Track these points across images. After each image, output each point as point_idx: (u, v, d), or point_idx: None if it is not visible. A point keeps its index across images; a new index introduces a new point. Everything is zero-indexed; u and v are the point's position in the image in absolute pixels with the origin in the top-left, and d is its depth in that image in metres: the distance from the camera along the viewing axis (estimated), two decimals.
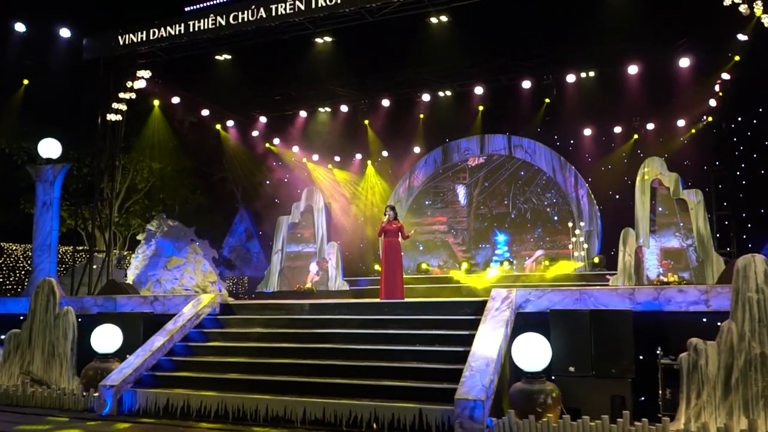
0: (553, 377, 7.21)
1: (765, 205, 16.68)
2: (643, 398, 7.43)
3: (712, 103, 15.42)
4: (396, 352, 8.06)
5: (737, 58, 12.74)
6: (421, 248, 18.71)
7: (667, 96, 15.42)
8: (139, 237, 18.29)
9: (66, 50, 13.09)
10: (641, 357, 7.44)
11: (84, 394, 8.54)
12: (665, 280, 13.79)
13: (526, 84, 14.80)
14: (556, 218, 17.27)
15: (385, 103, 16.14)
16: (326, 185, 20.18)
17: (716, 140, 16.58)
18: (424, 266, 17.78)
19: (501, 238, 17.61)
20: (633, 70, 13.88)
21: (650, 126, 17.18)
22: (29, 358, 9.89)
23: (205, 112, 16.52)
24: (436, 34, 12.10)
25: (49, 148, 11.87)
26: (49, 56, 13.26)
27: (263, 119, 17.79)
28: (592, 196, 16.94)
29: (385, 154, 19.28)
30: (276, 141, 18.86)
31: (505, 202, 17.80)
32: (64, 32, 12.98)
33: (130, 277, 17.19)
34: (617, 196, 17.71)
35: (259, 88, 15.63)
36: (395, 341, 8.31)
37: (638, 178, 14.48)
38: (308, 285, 16.90)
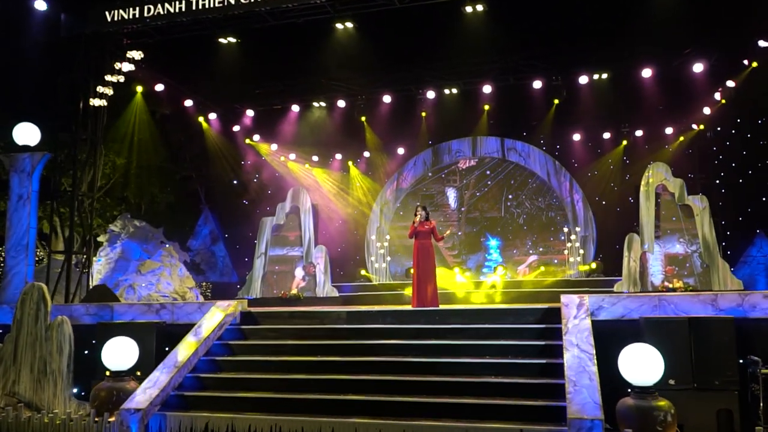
0: None
1: (743, 213, 16.98)
2: None
3: (706, 111, 15.51)
4: (465, 365, 7.30)
5: (755, 64, 12.77)
6: (408, 253, 17.96)
7: (662, 103, 15.38)
8: (101, 238, 16.64)
9: (41, 25, 11.54)
10: None
11: (96, 419, 7.27)
12: (670, 286, 13.70)
13: (537, 84, 14.40)
14: (550, 223, 16.97)
15: (387, 99, 15.32)
16: (307, 185, 19.12)
17: (703, 148, 16.76)
18: (412, 271, 17.02)
19: (493, 243, 17.14)
20: (647, 73, 13.70)
21: (639, 133, 17.14)
22: (14, 377, 8.47)
23: (188, 103, 15.14)
24: (460, 25, 11.47)
25: (26, 134, 10.38)
26: (20, 31, 11.65)
27: (250, 113, 16.54)
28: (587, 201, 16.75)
29: (366, 154, 18.43)
30: (256, 137, 17.65)
31: (498, 206, 17.35)
32: (39, 4, 11.43)
33: (93, 281, 15.56)
34: (603, 202, 17.65)
35: (252, 78, 14.44)
36: (460, 353, 7.55)
37: (642, 183, 14.35)
38: (294, 291, 15.90)
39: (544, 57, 13.86)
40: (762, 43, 11.89)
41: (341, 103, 15.77)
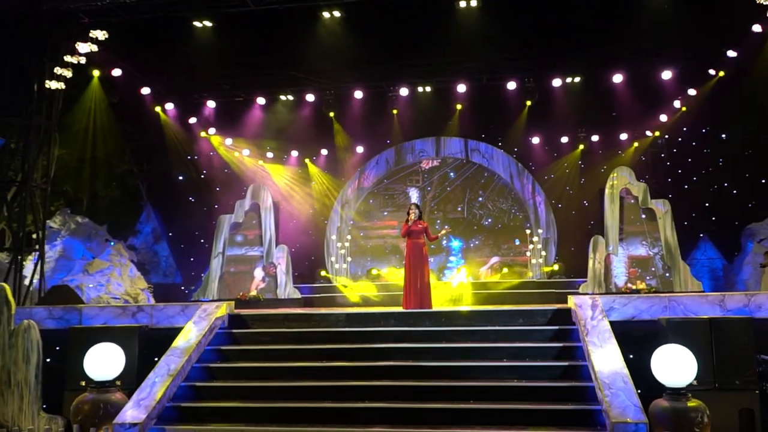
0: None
1: (688, 218, 17.66)
2: None
3: (663, 118, 16.01)
4: (483, 368, 7.04)
5: (722, 73, 13.25)
6: (370, 253, 17.61)
7: (626, 108, 15.73)
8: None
9: None
10: None
11: None
12: (634, 287, 14.03)
13: (511, 85, 14.40)
14: (512, 225, 17.06)
15: (358, 95, 14.87)
16: (261, 182, 18.35)
17: (657, 155, 17.32)
18: (374, 272, 16.72)
19: (455, 244, 17.04)
20: (618, 78, 13.99)
21: (595, 138, 17.43)
22: None
23: (145, 91, 14.08)
24: (442, 23, 11.24)
25: None
26: None
27: (211, 104, 15.61)
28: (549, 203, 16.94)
29: (328, 151, 17.87)
30: (212, 130, 16.74)
31: (460, 208, 17.26)
32: None
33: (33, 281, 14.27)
34: (560, 205, 17.89)
35: (220, 68, 13.62)
36: (474, 356, 7.29)
37: (607, 186, 14.64)
38: (253, 292, 15.23)
39: (519, 58, 13.88)
40: (731, 53, 12.36)
41: (310, 97, 15.16)
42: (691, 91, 14.39)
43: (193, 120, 15.91)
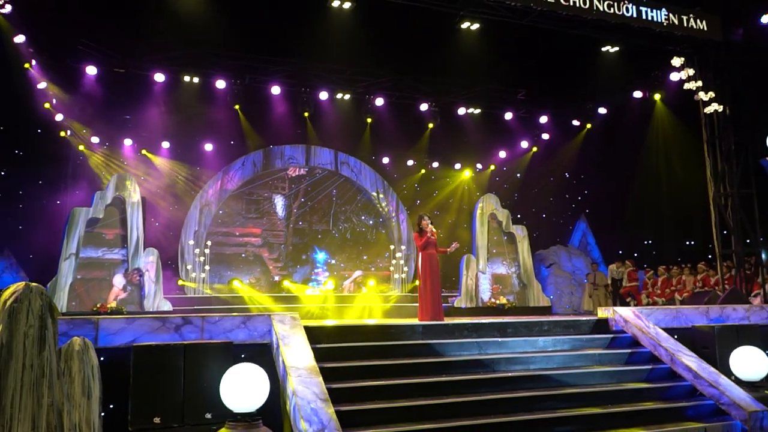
0: None
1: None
2: None
3: (503, 154, 18.37)
4: (578, 375, 7.45)
5: (589, 125, 15.88)
6: (228, 262, 15.99)
7: (477, 141, 17.54)
8: None
9: None
10: None
11: None
12: (498, 302, 15.76)
13: (423, 107, 14.86)
14: (376, 240, 17.38)
15: (276, 90, 13.48)
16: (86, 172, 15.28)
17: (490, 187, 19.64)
18: (236, 283, 15.31)
19: (320, 256, 16.61)
20: (508, 116, 15.64)
21: (435, 164, 18.94)
22: None
23: (19, 39, 10.50)
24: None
25: None
26: None
27: (92, 70, 12.29)
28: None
29: (166, 145, 15.72)
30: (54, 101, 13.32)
31: (326, 219, 16.89)
32: None
33: None
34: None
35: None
36: (562, 363, 7.67)
37: (478, 212, 16.12)
38: (112, 304, 12.68)
39: (428, 83, 14.52)
40: (602, 110, 15.05)
41: (221, 84, 13.19)
42: (545, 135, 16.92)
43: (43, 85, 12.43)
